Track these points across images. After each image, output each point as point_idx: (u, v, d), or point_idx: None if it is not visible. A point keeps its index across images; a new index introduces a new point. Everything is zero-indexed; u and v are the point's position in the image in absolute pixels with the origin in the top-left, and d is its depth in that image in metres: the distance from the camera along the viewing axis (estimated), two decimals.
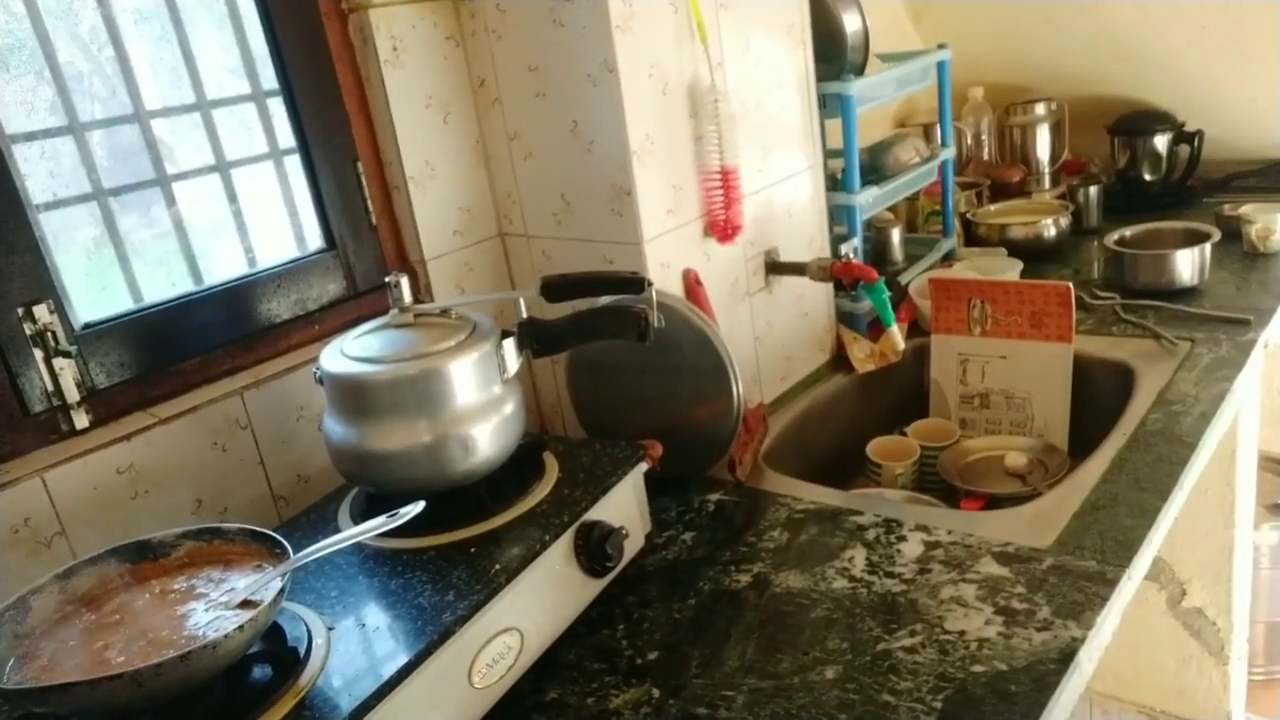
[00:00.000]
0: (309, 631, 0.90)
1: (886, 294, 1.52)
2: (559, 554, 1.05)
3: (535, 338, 1.14)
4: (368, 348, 1.07)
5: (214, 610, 0.84)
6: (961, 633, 0.99)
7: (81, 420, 1.06)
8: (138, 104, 1.13)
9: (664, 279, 1.36)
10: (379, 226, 1.37)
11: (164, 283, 1.17)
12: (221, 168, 1.23)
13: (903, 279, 1.88)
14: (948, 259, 2.05)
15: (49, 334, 1.03)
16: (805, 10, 1.57)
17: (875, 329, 1.72)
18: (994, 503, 1.41)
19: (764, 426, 1.48)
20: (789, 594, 1.10)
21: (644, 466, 1.19)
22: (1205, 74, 2.26)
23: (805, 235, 1.65)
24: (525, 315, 1.13)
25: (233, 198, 1.24)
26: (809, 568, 1.14)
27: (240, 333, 1.21)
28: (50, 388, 1.04)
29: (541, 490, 1.11)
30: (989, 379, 1.64)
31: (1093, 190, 2.27)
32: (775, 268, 1.57)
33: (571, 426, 1.49)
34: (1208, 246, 1.82)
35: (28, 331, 1.02)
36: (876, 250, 1.97)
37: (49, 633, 0.83)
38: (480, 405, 1.07)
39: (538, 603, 1.01)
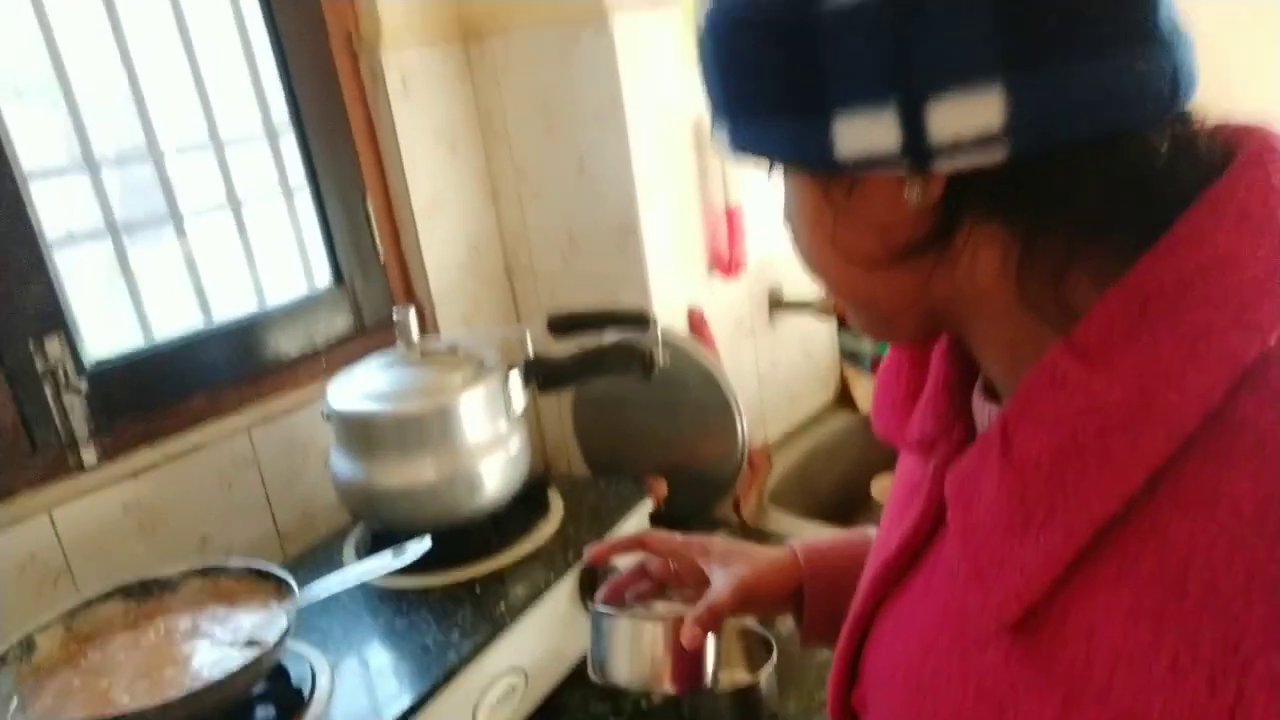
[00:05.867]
0: (313, 671, 0.90)
1: None
2: (564, 594, 1.05)
3: (541, 374, 1.14)
4: (375, 385, 1.07)
5: (219, 649, 0.84)
6: None
7: (90, 457, 1.06)
8: (152, 140, 1.14)
9: (669, 315, 1.37)
10: (386, 262, 1.38)
11: (174, 318, 1.18)
12: (233, 204, 1.24)
13: None
14: None
15: (60, 369, 1.04)
16: None
17: (880, 367, 1.72)
18: None
19: (768, 465, 1.48)
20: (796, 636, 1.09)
21: (648, 505, 1.19)
22: (1204, 74, 2.27)
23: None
24: (531, 352, 1.14)
25: (243, 233, 1.25)
26: None
27: (248, 370, 1.22)
28: (59, 423, 1.04)
29: (547, 529, 1.12)
30: None
31: None
32: (779, 305, 1.58)
33: (576, 464, 1.49)
34: None
35: (39, 367, 1.02)
36: None
37: (54, 671, 0.83)
38: (486, 442, 1.07)
39: (542, 643, 1.01)
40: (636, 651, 0.70)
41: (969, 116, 0.37)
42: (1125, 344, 0.37)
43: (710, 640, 0.69)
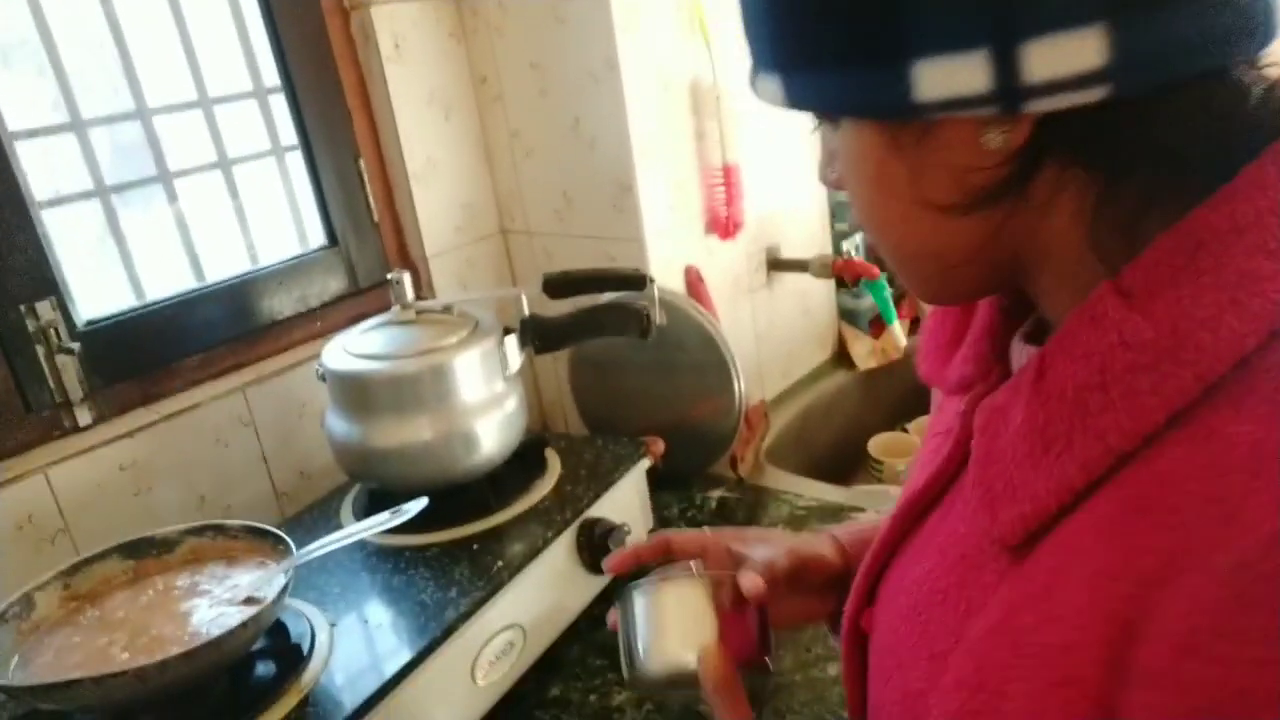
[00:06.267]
0: (312, 628, 0.90)
1: (888, 291, 1.52)
2: (561, 551, 1.05)
3: (537, 335, 1.14)
4: (370, 345, 1.07)
5: (217, 607, 0.85)
6: None
7: (84, 417, 1.06)
8: (140, 101, 1.13)
9: (666, 276, 1.36)
10: (381, 223, 1.37)
11: (167, 279, 1.17)
12: (224, 164, 1.23)
13: None
14: None
15: (51, 331, 1.03)
16: None
17: (877, 326, 1.72)
18: None
19: (765, 423, 1.48)
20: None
21: (646, 463, 1.19)
22: None
23: (807, 232, 1.65)
24: (527, 312, 1.13)
25: (235, 194, 1.24)
26: None
27: (242, 329, 1.21)
28: (53, 385, 1.04)
29: (544, 487, 1.12)
30: None
31: None
32: (777, 264, 1.57)
33: (574, 423, 1.49)
34: None
35: (30, 329, 1.02)
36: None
37: (53, 629, 0.84)
38: (482, 402, 1.07)
39: (540, 599, 1.02)
40: (680, 623, 0.58)
41: (1068, 56, 0.35)
42: (1169, 286, 0.36)
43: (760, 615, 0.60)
